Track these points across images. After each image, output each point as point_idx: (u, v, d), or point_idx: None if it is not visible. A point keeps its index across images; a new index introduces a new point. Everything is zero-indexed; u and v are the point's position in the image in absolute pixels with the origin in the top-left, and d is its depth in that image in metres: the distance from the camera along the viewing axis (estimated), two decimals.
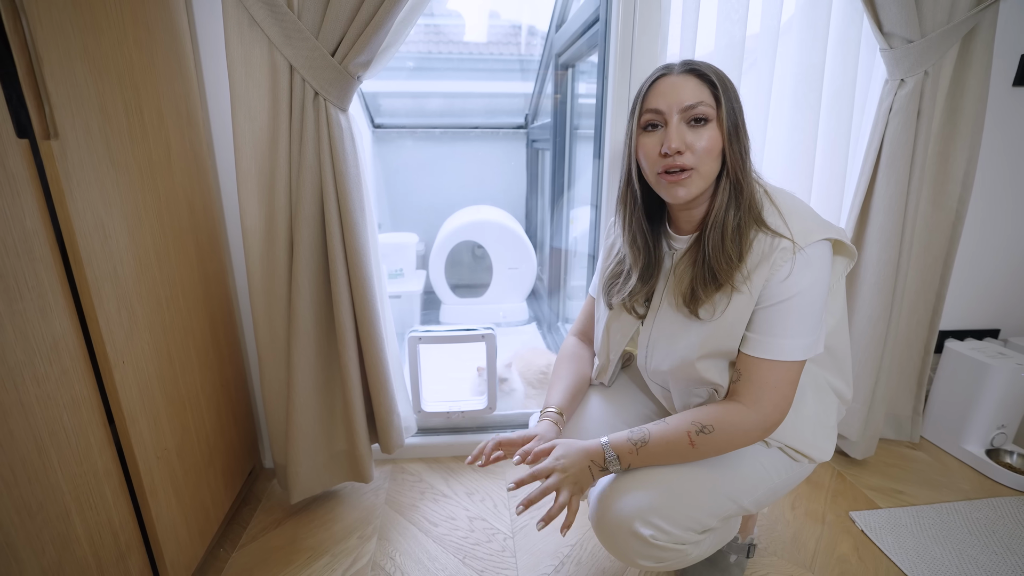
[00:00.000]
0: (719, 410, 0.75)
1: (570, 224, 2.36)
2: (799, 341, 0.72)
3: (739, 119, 0.73)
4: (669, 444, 0.76)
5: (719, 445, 0.75)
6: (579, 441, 0.80)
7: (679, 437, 0.75)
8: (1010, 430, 1.42)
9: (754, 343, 0.74)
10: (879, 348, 1.30)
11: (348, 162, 1.01)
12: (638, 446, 0.76)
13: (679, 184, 0.73)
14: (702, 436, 0.74)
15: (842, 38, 1.25)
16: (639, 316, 0.86)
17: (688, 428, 0.75)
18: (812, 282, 0.71)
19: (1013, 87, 1.41)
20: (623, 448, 0.77)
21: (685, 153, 0.72)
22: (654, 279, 0.84)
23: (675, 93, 0.72)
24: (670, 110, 0.72)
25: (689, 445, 0.75)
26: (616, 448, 0.77)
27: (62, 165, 0.69)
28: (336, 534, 1.16)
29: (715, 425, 0.74)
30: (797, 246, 0.70)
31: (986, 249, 1.55)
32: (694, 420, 0.75)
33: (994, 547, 1.12)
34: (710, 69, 0.74)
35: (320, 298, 1.09)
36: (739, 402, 0.75)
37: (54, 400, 0.68)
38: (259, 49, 0.94)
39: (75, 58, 0.72)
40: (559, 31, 2.21)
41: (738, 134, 0.73)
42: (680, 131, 0.72)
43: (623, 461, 0.77)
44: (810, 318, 0.73)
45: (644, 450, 0.76)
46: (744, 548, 1.03)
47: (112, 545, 0.78)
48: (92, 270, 0.73)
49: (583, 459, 0.77)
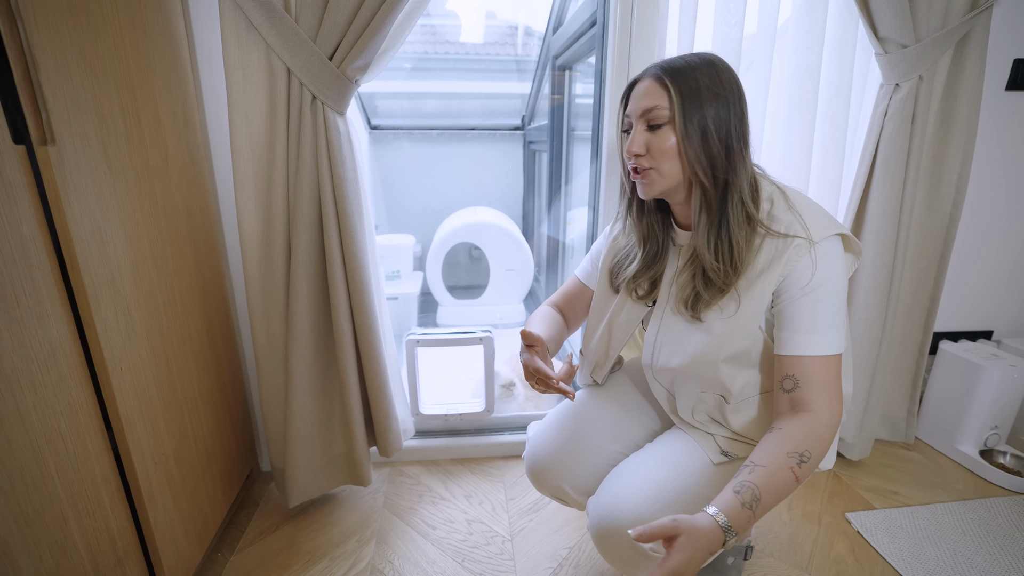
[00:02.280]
0: (803, 429, 0.70)
1: (567, 225, 2.36)
2: (838, 333, 0.73)
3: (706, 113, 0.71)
4: (778, 490, 0.68)
5: (813, 466, 0.70)
6: (690, 527, 0.63)
7: (785, 476, 0.68)
8: (1003, 431, 1.44)
9: (797, 342, 0.72)
10: (874, 350, 1.31)
11: (346, 166, 1.01)
12: (753, 507, 0.66)
13: (642, 182, 0.78)
14: (804, 466, 0.69)
15: (838, 42, 1.25)
16: (639, 298, 0.87)
17: (789, 464, 0.68)
18: (836, 274, 0.72)
19: (1006, 91, 1.42)
20: (738, 517, 0.65)
21: (644, 155, 0.76)
22: (660, 264, 0.85)
23: (638, 98, 0.76)
24: (634, 114, 0.76)
25: (794, 481, 0.69)
26: (731, 518, 0.65)
27: (59, 171, 0.68)
28: (334, 538, 1.16)
29: (811, 449, 0.69)
30: (812, 241, 0.71)
31: (980, 252, 1.56)
32: (790, 452, 0.69)
33: (988, 547, 1.13)
34: (672, 67, 0.73)
35: (318, 301, 1.08)
36: (810, 411, 0.71)
37: (51, 407, 0.68)
38: (256, 53, 0.93)
39: (72, 63, 0.71)
40: (556, 33, 2.21)
41: (701, 130, 0.71)
42: (639, 134, 0.76)
43: (736, 526, 0.65)
44: (841, 309, 0.73)
45: (760, 508, 0.67)
46: (741, 550, 1.03)
47: (110, 551, 0.78)
48: (89, 276, 0.73)
49: (702, 553, 0.63)
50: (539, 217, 2.90)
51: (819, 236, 0.71)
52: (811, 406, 0.72)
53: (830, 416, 0.72)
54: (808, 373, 0.72)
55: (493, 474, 1.38)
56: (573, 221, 2.29)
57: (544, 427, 0.97)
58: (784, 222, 0.73)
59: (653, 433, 0.95)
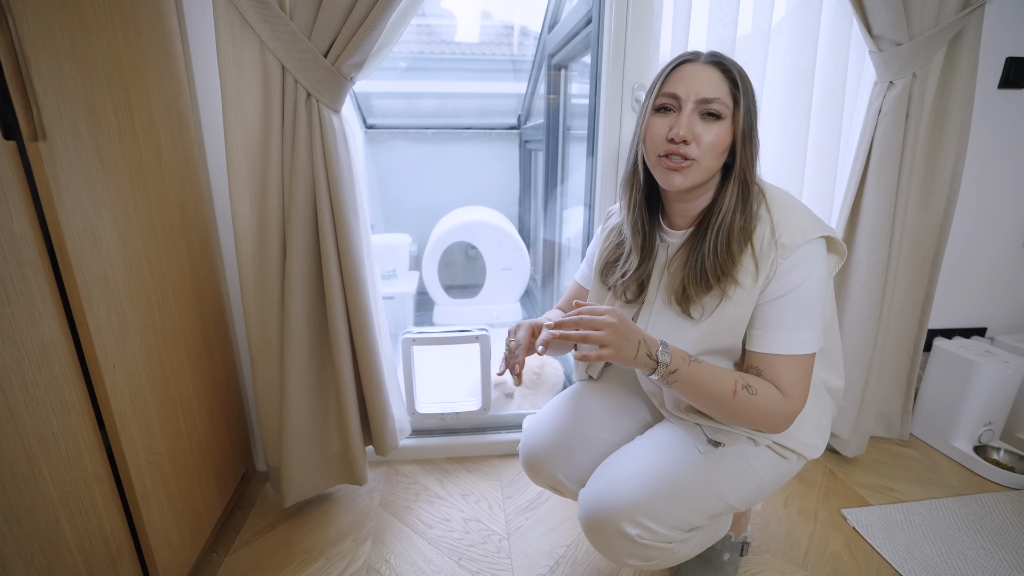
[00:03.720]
0: (764, 382, 0.74)
1: (563, 224, 2.36)
2: (807, 334, 0.74)
3: (754, 121, 0.74)
4: (716, 378, 0.73)
5: (752, 411, 0.73)
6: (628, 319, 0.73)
7: (727, 379, 0.73)
8: (997, 427, 1.45)
9: (767, 340, 0.74)
10: (869, 347, 1.32)
11: (341, 163, 1.01)
12: (691, 360, 0.73)
13: (678, 171, 0.74)
14: (745, 392, 0.72)
15: (832, 40, 1.26)
16: (627, 302, 0.87)
17: (737, 378, 0.73)
18: (815, 276, 0.72)
19: (999, 89, 1.43)
20: (678, 353, 0.73)
21: (691, 144, 0.72)
22: (648, 267, 0.85)
23: (696, 82, 0.72)
24: (687, 97, 0.72)
25: (732, 393, 0.72)
26: (672, 351, 0.72)
27: (50, 168, 0.68)
28: (330, 537, 1.16)
29: (759, 390, 0.73)
30: (795, 243, 0.71)
31: (973, 249, 1.57)
32: (741, 377, 0.74)
33: (982, 542, 1.13)
34: (735, 66, 0.74)
35: (313, 300, 1.08)
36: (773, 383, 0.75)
37: (43, 405, 0.67)
38: (251, 50, 0.93)
39: (63, 59, 0.71)
40: (552, 32, 2.21)
41: (751, 136, 0.74)
42: (691, 120, 0.72)
43: (673, 362, 0.71)
44: (816, 311, 0.74)
45: (695, 365, 0.73)
46: (738, 546, 1.03)
47: (103, 551, 0.77)
48: (82, 273, 0.73)
49: (637, 334, 0.71)
50: (535, 216, 2.90)
51: (802, 239, 0.72)
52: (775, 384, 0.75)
53: (787, 399, 0.74)
54: (772, 368, 0.74)
55: (490, 472, 1.38)
56: (569, 220, 2.28)
57: (539, 418, 0.98)
58: (770, 223, 0.74)
59: (646, 425, 0.96)
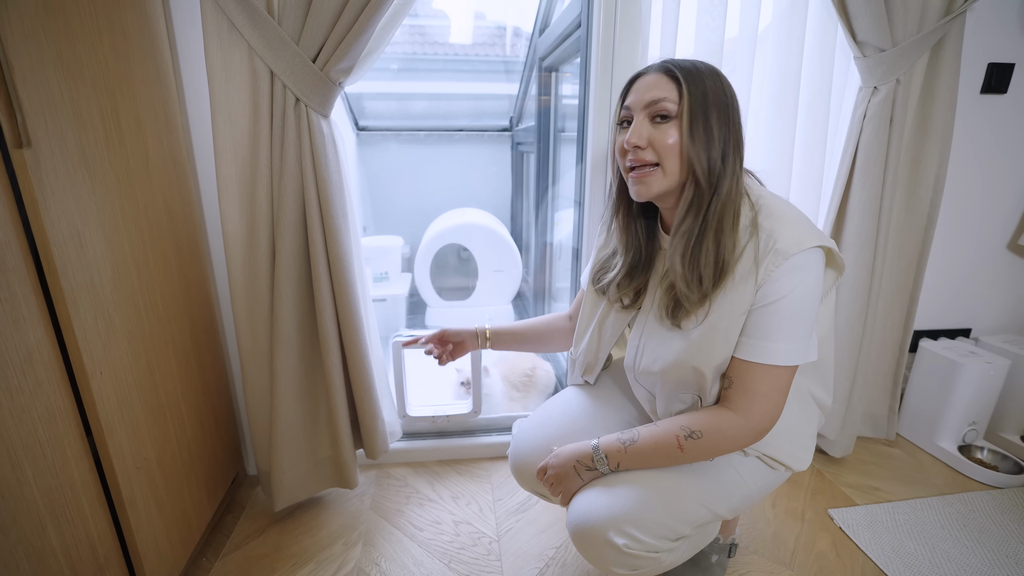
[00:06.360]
0: (708, 416, 0.76)
1: (555, 226, 2.37)
2: (790, 346, 0.72)
3: (710, 116, 0.71)
4: (658, 446, 0.77)
5: (706, 451, 0.76)
6: (570, 445, 0.84)
7: (668, 440, 0.76)
8: (980, 427, 1.47)
9: (745, 347, 0.73)
10: (855, 348, 1.33)
11: (330, 168, 1.01)
12: (627, 446, 0.79)
13: (638, 181, 0.74)
14: (690, 441, 0.75)
15: (818, 46, 1.28)
16: (624, 307, 0.88)
17: (677, 432, 0.76)
18: (805, 287, 0.70)
19: (981, 94, 1.45)
20: (612, 448, 0.80)
21: (647, 149, 0.73)
22: (645, 275, 0.85)
23: (643, 90, 0.73)
24: (636, 106, 0.74)
25: (677, 448, 0.76)
26: (606, 449, 0.80)
27: (35, 174, 0.67)
28: (321, 540, 1.16)
29: (704, 431, 0.74)
30: (789, 251, 0.69)
31: (958, 251, 1.59)
32: (683, 425, 0.76)
33: (965, 541, 1.15)
34: (681, 65, 0.72)
35: (303, 304, 1.08)
36: (729, 409, 0.75)
37: (28, 413, 0.67)
38: (239, 55, 0.93)
39: (48, 65, 0.70)
40: (543, 34, 2.22)
41: (705, 131, 0.71)
42: (642, 127, 0.73)
43: (611, 460, 0.79)
44: (802, 322, 0.72)
45: (633, 449, 0.78)
46: (726, 548, 1.04)
47: (90, 558, 0.77)
48: (68, 280, 0.72)
49: (569, 461, 0.82)
50: (527, 218, 2.91)
51: (797, 247, 0.69)
52: (733, 406, 0.75)
53: (747, 422, 0.74)
54: (744, 378, 0.74)
55: (480, 475, 1.39)
56: (561, 222, 2.29)
57: (529, 424, 0.98)
58: (765, 231, 0.72)
59: None
